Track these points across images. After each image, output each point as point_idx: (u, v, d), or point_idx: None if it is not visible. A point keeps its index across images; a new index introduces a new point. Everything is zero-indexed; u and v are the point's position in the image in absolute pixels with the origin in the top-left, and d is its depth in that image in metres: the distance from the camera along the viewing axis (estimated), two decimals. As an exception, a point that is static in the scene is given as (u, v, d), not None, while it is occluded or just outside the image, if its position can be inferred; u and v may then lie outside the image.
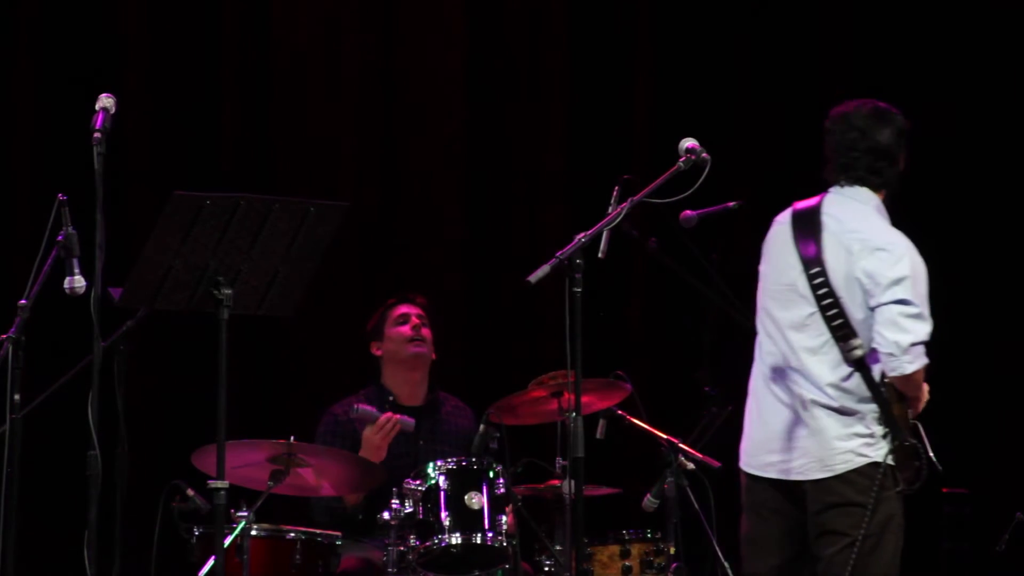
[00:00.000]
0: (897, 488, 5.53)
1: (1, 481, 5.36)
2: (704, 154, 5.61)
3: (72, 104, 7.68)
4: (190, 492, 6.25)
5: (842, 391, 5.54)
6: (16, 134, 8.24)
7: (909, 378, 5.50)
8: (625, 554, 6.90)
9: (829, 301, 5.54)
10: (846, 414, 5.52)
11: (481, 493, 6.57)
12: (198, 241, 5.39)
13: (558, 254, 5.41)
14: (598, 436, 6.88)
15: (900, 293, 5.48)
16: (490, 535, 6.53)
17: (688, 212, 6.42)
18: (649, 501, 6.69)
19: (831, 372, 5.54)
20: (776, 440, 5.62)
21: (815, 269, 5.57)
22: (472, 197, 8.71)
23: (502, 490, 6.60)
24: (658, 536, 6.87)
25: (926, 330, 5.49)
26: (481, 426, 6.74)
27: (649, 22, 8.91)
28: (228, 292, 5.45)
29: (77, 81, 8.10)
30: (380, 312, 7.53)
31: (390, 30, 8.68)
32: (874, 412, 5.52)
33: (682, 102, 8.78)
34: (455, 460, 6.70)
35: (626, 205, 5.60)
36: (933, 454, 5.55)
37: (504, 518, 6.56)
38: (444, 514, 6.55)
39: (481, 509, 6.55)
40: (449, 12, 8.73)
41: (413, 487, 6.58)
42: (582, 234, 5.47)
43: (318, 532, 6.59)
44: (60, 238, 5.38)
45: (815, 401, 5.55)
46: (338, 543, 6.60)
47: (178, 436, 7.54)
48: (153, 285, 5.43)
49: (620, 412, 6.92)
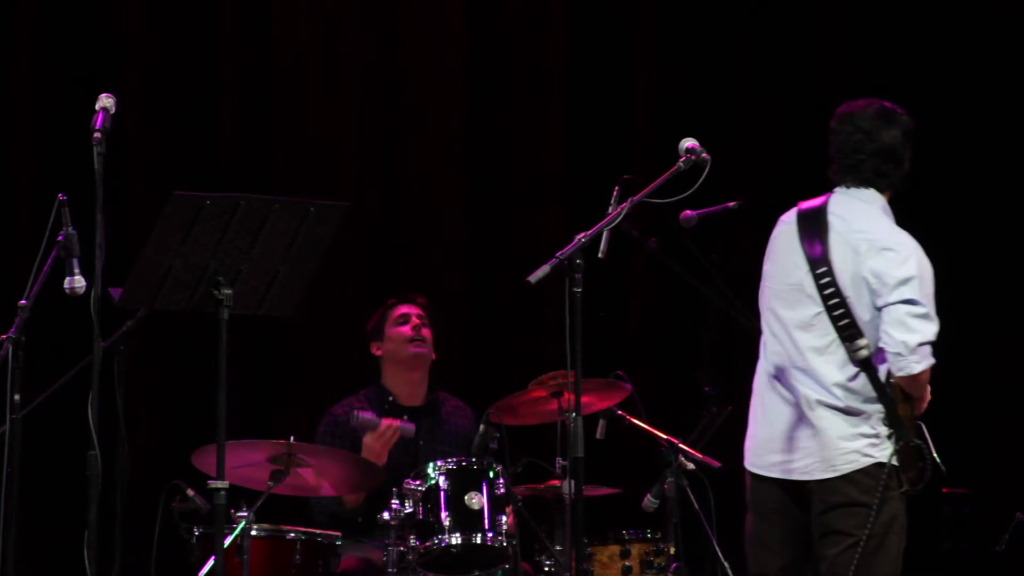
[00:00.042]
0: (901, 489, 5.53)
1: (1, 481, 5.36)
2: (704, 154, 5.60)
3: (72, 104, 7.67)
4: (190, 492, 6.25)
5: (848, 391, 5.53)
6: (16, 134, 8.23)
7: (916, 378, 5.49)
8: (625, 554, 6.90)
9: (835, 301, 5.53)
10: (852, 414, 5.52)
11: (481, 493, 6.57)
12: (198, 241, 5.39)
13: (558, 254, 5.40)
14: (598, 436, 6.88)
15: (907, 293, 5.48)
16: (490, 535, 6.53)
17: (688, 212, 6.41)
18: (649, 501, 6.69)
19: (838, 372, 5.53)
20: (781, 440, 5.61)
21: (822, 269, 5.56)
22: (472, 197, 8.70)
23: (502, 490, 6.60)
24: (658, 536, 6.86)
25: (933, 330, 5.49)
26: (481, 426, 6.73)
27: (649, 22, 8.91)
28: (228, 292, 5.45)
29: (77, 81, 8.09)
30: (380, 312, 7.53)
31: (390, 30, 8.67)
32: (880, 412, 5.52)
33: (682, 102, 8.77)
34: (455, 460, 6.70)
35: (626, 205, 5.60)
36: (937, 455, 5.55)
37: (504, 518, 6.56)
38: (444, 514, 6.55)
39: (481, 509, 6.54)
40: (449, 12, 8.72)
41: (413, 487, 6.57)
42: (582, 234, 5.46)
43: (318, 532, 6.59)
44: (60, 238, 5.38)
45: (821, 401, 5.54)
46: (338, 543, 6.60)
47: (178, 436, 7.54)
48: (153, 285, 5.42)
49: (620, 412, 6.91)
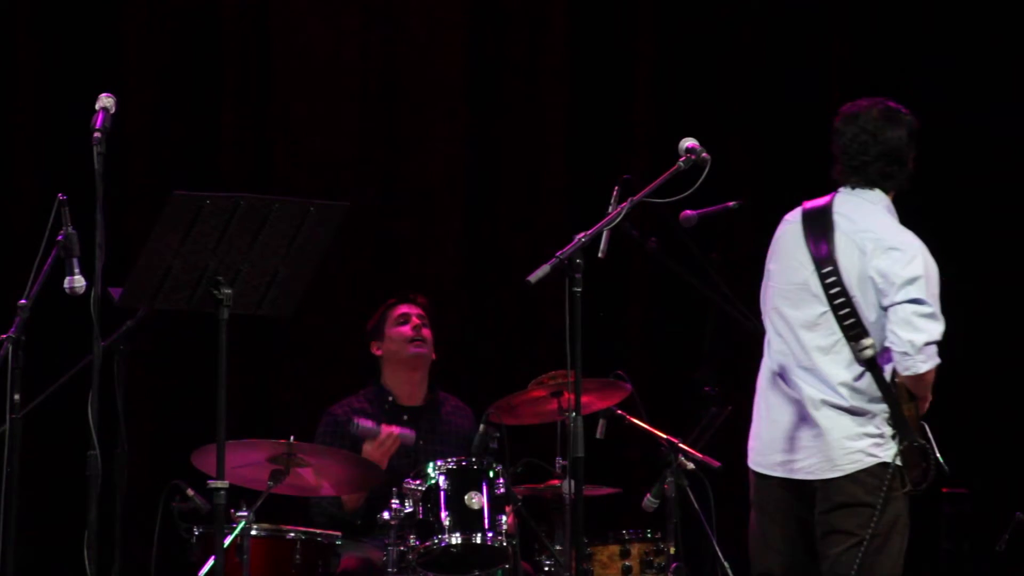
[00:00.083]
0: (904, 489, 5.53)
1: (1, 481, 5.36)
2: (704, 154, 5.59)
3: (72, 104, 7.67)
4: (190, 492, 6.25)
5: (854, 391, 5.53)
6: (16, 134, 8.23)
7: (922, 377, 5.50)
8: (625, 554, 6.90)
9: (841, 300, 5.53)
10: (857, 414, 5.52)
11: (481, 493, 6.57)
12: (198, 241, 5.39)
13: (558, 254, 5.39)
14: (598, 436, 6.87)
15: (914, 292, 5.48)
16: (490, 535, 6.53)
17: (688, 212, 6.41)
18: (649, 501, 6.68)
19: (844, 371, 5.53)
20: (785, 439, 5.61)
21: (827, 268, 5.56)
22: (472, 197, 8.70)
23: (502, 490, 6.60)
24: (658, 536, 6.86)
25: (939, 329, 5.49)
26: (481, 426, 6.72)
27: (649, 22, 8.90)
28: (228, 292, 5.45)
29: (77, 81, 8.09)
30: (380, 312, 7.53)
31: (390, 30, 8.67)
32: (884, 412, 5.52)
33: (682, 102, 8.77)
34: (455, 460, 6.69)
35: (626, 205, 5.59)
36: (940, 455, 5.55)
37: (504, 518, 6.56)
38: (444, 514, 6.55)
39: (481, 509, 6.54)
40: (449, 12, 8.72)
41: (413, 487, 6.57)
42: (582, 234, 5.46)
43: (318, 532, 6.59)
44: (60, 238, 5.38)
45: (826, 401, 5.54)
46: (338, 543, 6.60)
47: (178, 436, 7.54)
48: (153, 285, 5.42)
49: (620, 412, 6.91)
